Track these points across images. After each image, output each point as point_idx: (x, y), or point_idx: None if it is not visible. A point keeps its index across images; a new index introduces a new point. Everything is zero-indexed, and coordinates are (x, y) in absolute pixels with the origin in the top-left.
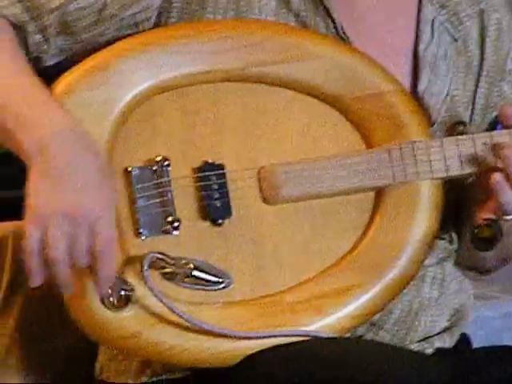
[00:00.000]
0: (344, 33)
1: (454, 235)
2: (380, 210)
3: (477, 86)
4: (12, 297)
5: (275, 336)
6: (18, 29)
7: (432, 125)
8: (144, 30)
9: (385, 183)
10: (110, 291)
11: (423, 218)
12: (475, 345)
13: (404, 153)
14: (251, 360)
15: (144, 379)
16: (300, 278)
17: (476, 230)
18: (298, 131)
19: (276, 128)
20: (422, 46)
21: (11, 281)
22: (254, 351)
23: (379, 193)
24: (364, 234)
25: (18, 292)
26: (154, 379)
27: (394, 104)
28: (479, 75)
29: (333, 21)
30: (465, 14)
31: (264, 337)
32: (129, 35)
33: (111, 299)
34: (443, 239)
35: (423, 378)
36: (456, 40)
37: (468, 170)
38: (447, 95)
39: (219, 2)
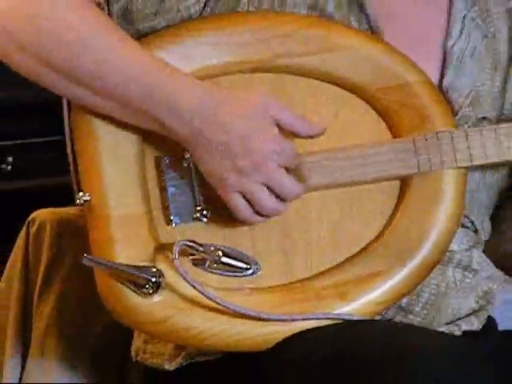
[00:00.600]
0: (378, 26)
1: (478, 225)
2: (405, 198)
3: (506, 82)
4: (48, 285)
5: (309, 319)
6: None
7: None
8: None
9: (410, 172)
10: (140, 278)
11: (447, 206)
12: (502, 327)
13: (429, 143)
14: (284, 344)
15: (179, 362)
16: (326, 265)
17: None
18: (326, 121)
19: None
20: (450, 42)
21: (48, 263)
22: (285, 335)
23: (404, 181)
24: (389, 221)
25: (55, 273)
26: (189, 362)
27: (420, 95)
28: (508, 72)
29: (366, 16)
30: (495, 10)
31: (297, 319)
32: None
33: (142, 286)
34: (467, 227)
35: (452, 355)
36: (486, 36)
37: (492, 159)
38: (471, 91)
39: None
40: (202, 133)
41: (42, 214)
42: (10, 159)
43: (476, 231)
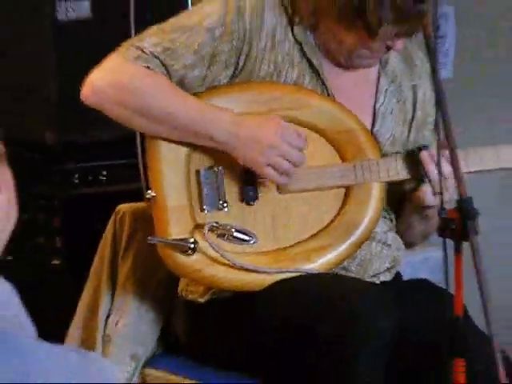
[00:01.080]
0: (333, 94)
1: (392, 216)
2: (348, 199)
3: (409, 131)
4: (127, 251)
5: (288, 272)
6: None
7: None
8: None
9: (351, 183)
10: (183, 246)
11: (373, 205)
12: (404, 278)
13: (363, 165)
14: (270, 287)
15: (206, 297)
16: (299, 239)
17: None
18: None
19: None
20: (377, 105)
21: (127, 238)
22: (271, 281)
23: (348, 188)
24: (338, 212)
25: (131, 245)
26: (212, 297)
27: (359, 136)
28: (411, 125)
29: (326, 88)
30: (405, 86)
31: (280, 272)
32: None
33: (185, 251)
34: (385, 218)
35: (374, 293)
36: (399, 101)
37: (403, 176)
38: (390, 136)
39: (265, 58)
40: (238, 141)
41: (123, 207)
42: (105, 173)
43: (391, 220)
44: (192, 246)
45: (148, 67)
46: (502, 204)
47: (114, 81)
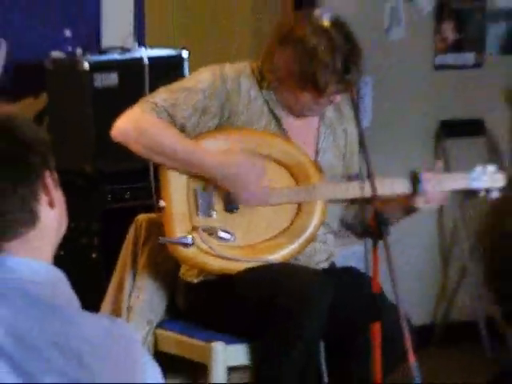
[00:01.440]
0: (289, 136)
1: (331, 224)
2: (299, 211)
3: (343, 162)
4: (144, 247)
5: (254, 261)
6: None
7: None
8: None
9: (301, 200)
10: (184, 243)
11: (317, 216)
12: (338, 266)
13: (308, 188)
14: (244, 271)
15: (199, 279)
16: (266, 238)
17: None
18: (268, 176)
19: None
20: (319, 144)
21: (144, 239)
22: (245, 267)
23: (299, 203)
24: (292, 221)
25: (147, 244)
26: (203, 279)
27: (307, 167)
28: (344, 158)
29: (284, 132)
30: (338, 129)
31: (249, 261)
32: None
33: (185, 245)
34: (325, 225)
35: (316, 276)
36: (334, 141)
37: (339, 196)
38: (329, 166)
39: (242, 111)
40: (220, 174)
41: (141, 217)
42: (128, 193)
43: (329, 226)
44: (190, 241)
45: (159, 117)
46: None
47: (135, 126)
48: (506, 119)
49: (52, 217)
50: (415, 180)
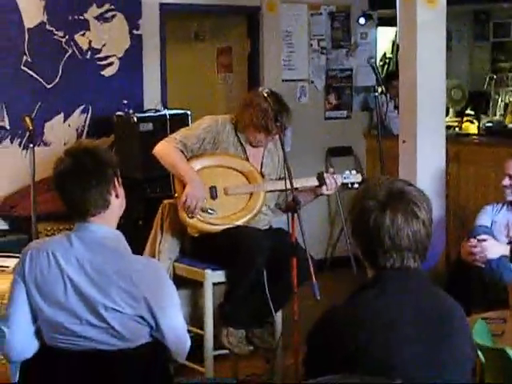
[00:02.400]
0: (247, 157)
1: (270, 204)
2: (251, 197)
3: (276, 172)
4: (167, 220)
5: (227, 224)
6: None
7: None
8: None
9: (252, 191)
10: (190, 213)
11: (261, 199)
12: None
13: (256, 185)
14: (222, 230)
15: (198, 234)
16: (233, 212)
17: (287, 203)
18: (235, 178)
19: (229, 177)
20: (263, 161)
21: (166, 216)
22: (222, 228)
23: (251, 193)
24: (246, 203)
25: (168, 218)
26: (200, 234)
27: (255, 174)
28: (276, 169)
29: (247, 157)
30: (274, 154)
31: (224, 224)
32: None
33: (190, 215)
34: (265, 205)
35: (258, 234)
36: (272, 160)
37: (276, 188)
38: (268, 174)
39: (223, 142)
40: (189, 185)
41: (166, 202)
42: (158, 189)
43: (268, 206)
44: (191, 215)
45: (176, 146)
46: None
47: (162, 151)
48: (363, 146)
49: (117, 203)
50: (320, 177)
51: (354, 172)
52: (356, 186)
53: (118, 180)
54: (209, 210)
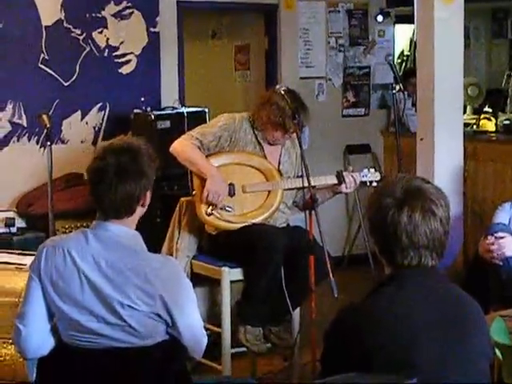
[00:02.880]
0: (265, 155)
1: (288, 202)
2: (269, 195)
3: (294, 170)
4: (184, 217)
5: (245, 222)
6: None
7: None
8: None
9: (270, 189)
10: (209, 211)
11: (279, 197)
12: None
13: (274, 182)
14: (240, 228)
15: (215, 232)
16: (251, 209)
17: (305, 201)
18: (253, 176)
19: (248, 175)
20: (281, 159)
21: (184, 213)
22: (240, 226)
23: (269, 191)
24: (265, 200)
25: (186, 215)
26: (218, 232)
27: (273, 171)
28: (294, 166)
29: (263, 150)
30: (292, 152)
31: (242, 222)
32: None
33: (207, 213)
34: (283, 203)
35: (276, 232)
36: (289, 158)
37: (292, 186)
38: (286, 172)
39: (240, 140)
40: (209, 180)
41: (183, 199)
42: (176, 186)
43: (286, 204)
44: (210, 212)
45: (193, 143)
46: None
47: (180, 147)
48: (381, 144)
49: (140, 211)
50: (340, 176)
51: (372, 170)
52: (374, 184)
53: (151, 189)
54: (226, 208)
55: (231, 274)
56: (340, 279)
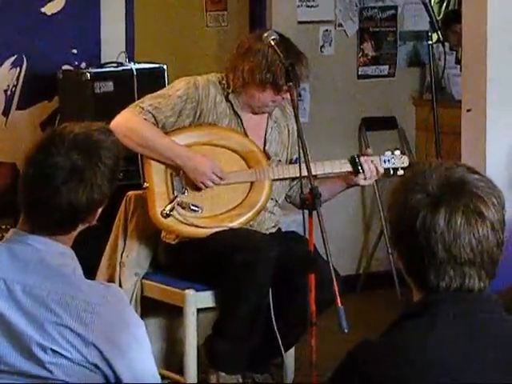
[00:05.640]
0: (246, 134)
1: (278, 198)
2: (252, 188)
3: (286, 151)
4: (132, 216)
5: (217, 227)
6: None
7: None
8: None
9: (253, 179)
10: (167, 211)
11: (265, 192)
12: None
13: (259, 170)
14: (210, 235)
15: (175, 241)
16: (226, 209)
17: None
18: (228, 162)
19: (221, 161)
20: (267, 136)
21: (133, 210)
22: (210, 232)
23: (252, 182)
24: (246, 196)
25: (134, 214)
26: (179, 240)
27: (257, 155)
28: (286, 147)
29: (244, 128)
30: (282, 125)
31: (213, 227)
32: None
33: (164, 214)
34: (272, 199)
35: (266, 237)
36: (279, 134)
37: (284, 175)
38: (274, 154)
39: (210, 112)
40: (187, 166)
41: (130, 193)
42: (121, 175)
43: (276, 201)
44: (168, 213)
45: (145, 118)
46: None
47: (126, 125)
48: (412, 117)
49: (81, 227)
50: (353, 163)
51: (397, 153)
52: (401, 172)
53: (104, 203)
54: (191, 207)
55: (198, 300)
56: (352, 307)
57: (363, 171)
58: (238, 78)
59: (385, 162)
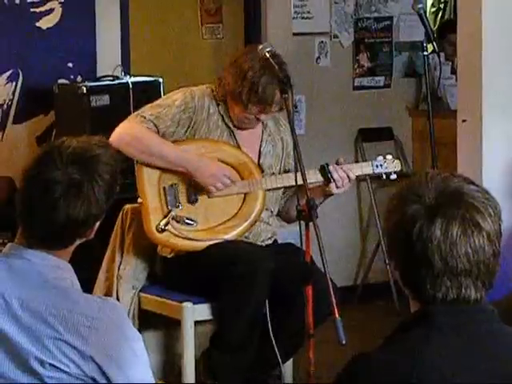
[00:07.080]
0: (238, 145)
1: (272, 208)
2: (245, 200)
3: (280, 163)
4: (129, 230)
5: (212, 240)
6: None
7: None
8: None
9: (246, 191)
10: (162, 226)
11: (259, 202)
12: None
13: (251, 181)
14: (205, 248)
15: (171, 255)
16: (220, 222)
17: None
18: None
19: None
20: (262, 149)
21: (129, 224)
22: (205, 245)
23: (245, 194)
24: (240, 207)
25: (130, 228)
26: (175, 254)
27: (250, 166)
28: (281, 160)
29: (237, 143)
30: (276, 138)
31: (208, 240)
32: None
33: (160, 229)
34: (267, 210)
35: (260, 249)
36: (273, 147)
37: (277, 185)
38: (269, 166)
39: (203, 124)
40: (197, 168)
41: (127, 206)
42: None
43: (271, 211)
44: (163, 227)
45: (147, 127)
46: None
47: (129, 133)
48: (408, 127)
49: (79, 241)
50: (323, 171)
51: (389, 157)
52: (393, 177)
53: (102, 218)
54: (186, 220)
55: (196, 313)
56: (350, 319)
57: (333, 179)
58: (221, 87)
59: (377, 166)
